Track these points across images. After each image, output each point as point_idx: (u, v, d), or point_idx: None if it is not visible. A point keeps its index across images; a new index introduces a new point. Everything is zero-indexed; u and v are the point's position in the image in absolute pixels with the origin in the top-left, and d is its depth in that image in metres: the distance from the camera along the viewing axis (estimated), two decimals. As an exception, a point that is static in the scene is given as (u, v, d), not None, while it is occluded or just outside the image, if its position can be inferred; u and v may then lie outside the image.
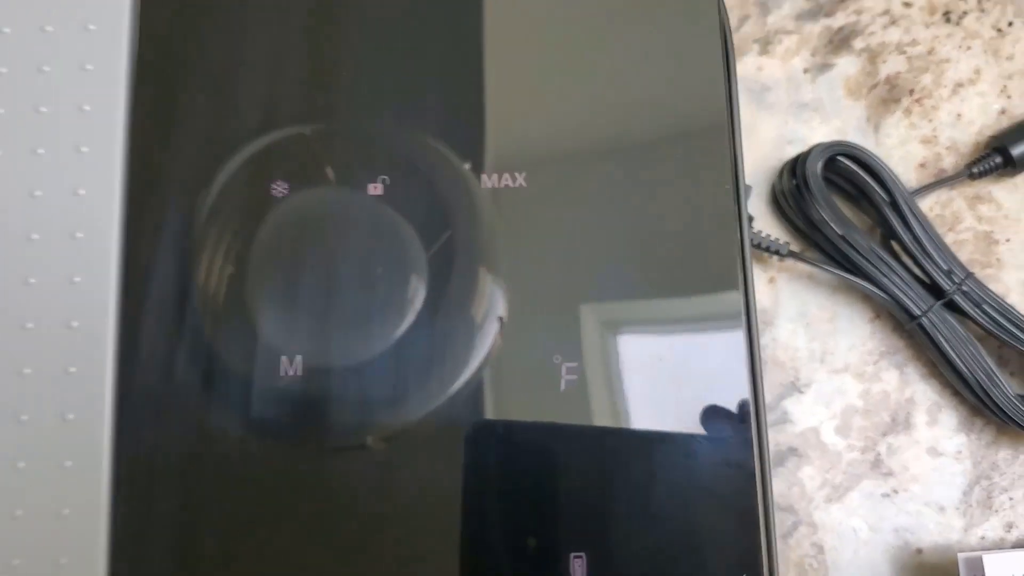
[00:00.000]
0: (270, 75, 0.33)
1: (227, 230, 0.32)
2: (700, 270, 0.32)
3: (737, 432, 0.30)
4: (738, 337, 0.30)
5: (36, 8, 0.33)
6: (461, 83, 0.34)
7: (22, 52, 0.33)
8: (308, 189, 0.33)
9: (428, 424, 0.31)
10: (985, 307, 0.37)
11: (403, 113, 0.33)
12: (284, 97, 0.33)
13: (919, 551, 0.37)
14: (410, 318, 0.32)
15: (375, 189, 0.33)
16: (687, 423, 0.30)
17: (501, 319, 0.32)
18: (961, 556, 0.34)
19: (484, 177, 0.33)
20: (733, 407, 0.30)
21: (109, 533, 0.30)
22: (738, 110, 0.33)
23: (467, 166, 0.33)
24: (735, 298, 0.31)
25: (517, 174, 0.33)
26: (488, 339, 0.31)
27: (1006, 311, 0.37)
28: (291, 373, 0.31)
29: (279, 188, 0.33)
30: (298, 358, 0.31)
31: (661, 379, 0.31)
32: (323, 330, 0.32)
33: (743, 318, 0.31)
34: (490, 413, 0.31)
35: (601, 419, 0.31)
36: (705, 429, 0.30)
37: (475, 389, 0.31)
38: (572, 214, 0.32)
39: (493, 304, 0.32)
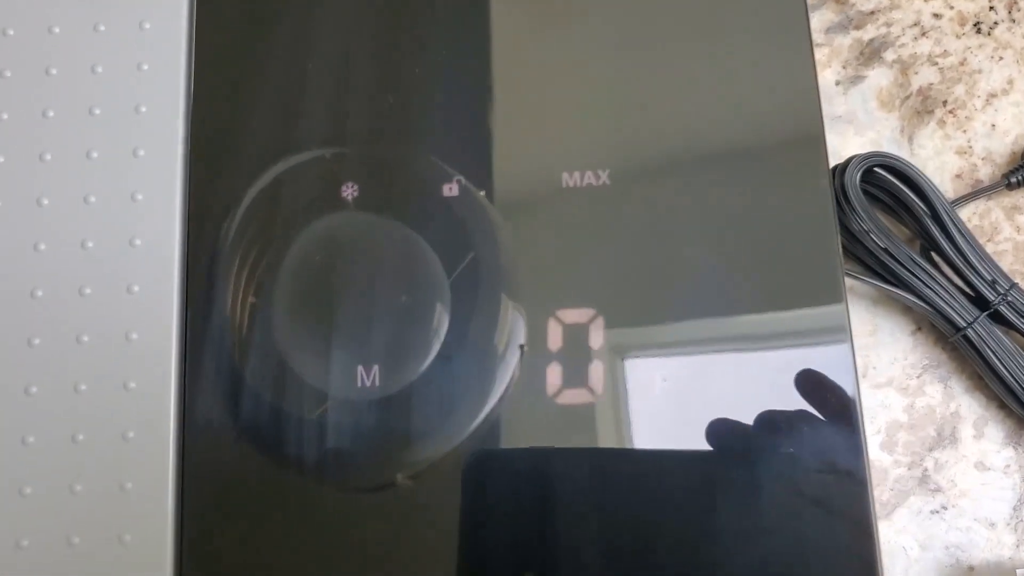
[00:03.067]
0: (326, 101, 0.33)
1: (256, 251, 0.32)
2: (800, 284, 0.31)
3: (848, 440, 0.29)
4: (844, 351, 0.30)
5: (87, 6, 0.32)
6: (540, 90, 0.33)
7: (73, 53, 0.32)
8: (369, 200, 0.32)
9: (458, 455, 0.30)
10: (1031, 317, 0.36)
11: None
12: (345, 102, 0.33)
13: (971, 569, 0.36)
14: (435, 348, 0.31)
15: (450, 191, 0.32)
16: (787, 437, 0.29)
17: (522, 347, 0.31)
18: (1020, 572, 0.34)
19: (565, 175, 0.32)
20: (839, 416, 0.29)
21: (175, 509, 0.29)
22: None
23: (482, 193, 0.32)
24: (839, 311, 0.30)
25: (600, 172, 0.32)
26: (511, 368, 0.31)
27: (1052, 321, 0.36)
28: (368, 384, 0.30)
29: (349, 191, 0.32)
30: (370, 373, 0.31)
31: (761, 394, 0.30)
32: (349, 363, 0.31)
33: (847, 332, 0.30)
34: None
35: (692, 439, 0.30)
36: (812, 440, 0.29)
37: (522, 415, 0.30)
38: (656, 219, 0.32)
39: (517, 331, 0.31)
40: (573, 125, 0.33)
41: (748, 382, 0.30)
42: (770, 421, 0.30)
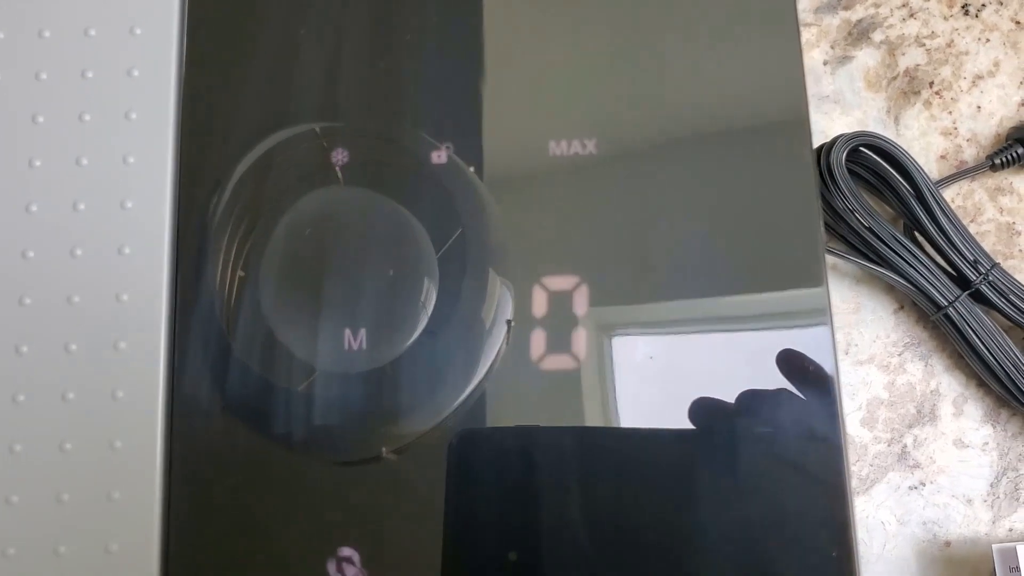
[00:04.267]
0: (317, 74, 0.33)
1: (245, 224, 0.32)
2: (782, 266, 0.31)
3: (827, 416, 0.29)
4: (824, 332, 0.30)
5: (79, 11, 0.32)
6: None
7: (64, 57, 0.32)
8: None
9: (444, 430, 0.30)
10: (1012, 297, 0.36)
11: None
12: (331, 93, 0.33)
13: (947, 544, 0.37)
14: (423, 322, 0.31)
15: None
16: (767, 413, 0.30)
17: (509, 322, 0.31)
18: (996, 547, 0.34)
19: (552, 143, 0.32)
20: (819, 395, 0.30)
21: (162, 517, 0.29)
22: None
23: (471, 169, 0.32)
24: (819, 293, 0.31)
25: (587, 141, 0.32)
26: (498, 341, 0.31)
27: (1032, 301, 0.37)
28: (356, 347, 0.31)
29: (338, 159, 0.32)
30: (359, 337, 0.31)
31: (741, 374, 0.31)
32: (337, 337, 0.31)
33: (828, 314, 0.30)
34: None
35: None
36: (792, 417, 0.30)
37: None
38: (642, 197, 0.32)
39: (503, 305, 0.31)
40: (561, 95, 0.33)
41: (729, 360, 0.30)
42: (751, 399, 0.30)
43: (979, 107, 0.40)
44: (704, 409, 0.30)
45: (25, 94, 0.32)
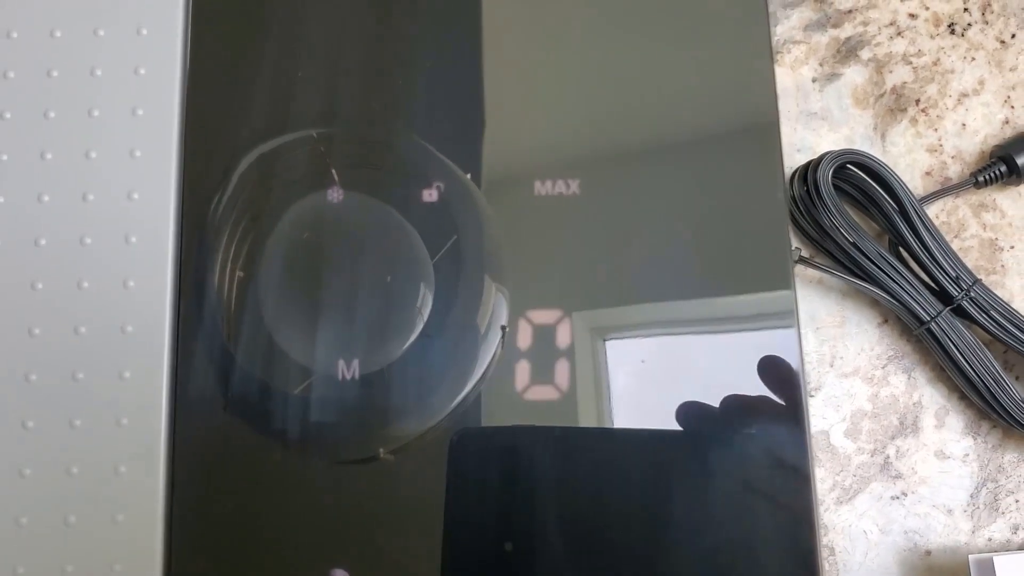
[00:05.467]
0: (319, 79, 0.34)
1: (243, 230, 0.33)
2: (751, 270, 0.32)
3: (792, 434, 0.30)
4: (791, 335, 0.31)
5: (88, 12, 0.33)
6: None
7: (74, 56, 0.33)
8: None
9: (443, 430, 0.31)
10: (992, 313, 0.37)
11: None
12: (334, 97, 0.34)
13: (928, 553, 0.38)
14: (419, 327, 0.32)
15: (430, 196, 0.33)
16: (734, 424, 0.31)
17: (504, 327, 0.32)
18: (972, 558, 0.35)
19: (537, 184, 0.33)
20: (785, 406, 0.31)
21: (164, 538, 0.30)
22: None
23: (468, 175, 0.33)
24: (787, 296, 0.32)
25: (571, 181, 0.33)
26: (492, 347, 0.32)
27: (1013, 316, 0.37)
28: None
29: (335, 194, 0.33)
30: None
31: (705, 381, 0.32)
32: (337, 342, 0.32)
33: (795, 317, 0.32)
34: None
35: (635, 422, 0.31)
36: (757, 430, 0.31)
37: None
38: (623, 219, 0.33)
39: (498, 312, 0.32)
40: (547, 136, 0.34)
41: (705, 368, 0.32)
42: (729, 404, 0.31)
43: (964, 124, 0.41)
44: (690, 413, 0.31)
45: (38, 91, 0.33)
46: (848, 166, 0.38)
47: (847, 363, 0.39)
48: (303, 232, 0.32)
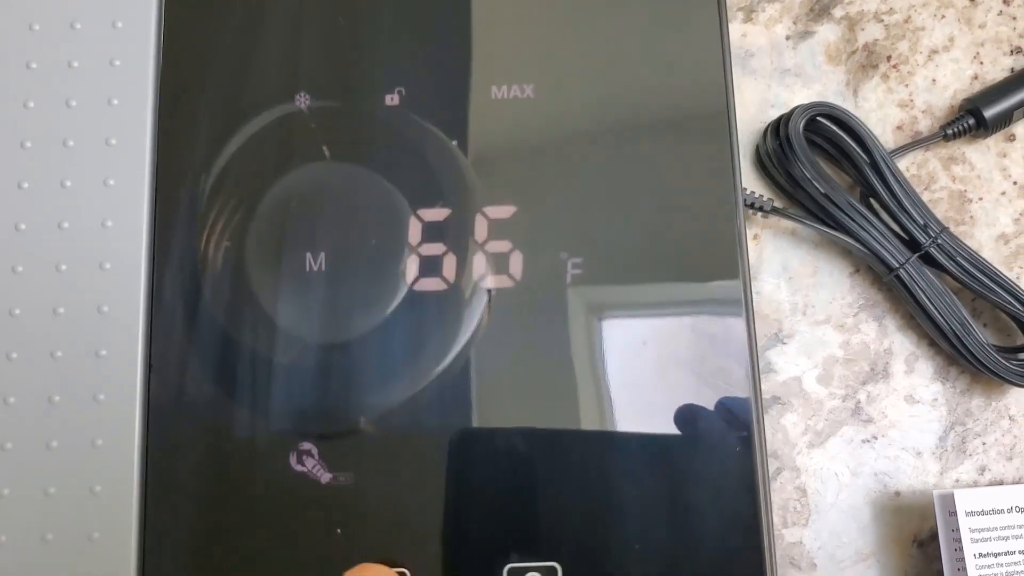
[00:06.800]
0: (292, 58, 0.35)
1: (229, 205, 0.33)
2: (701, 257, 0.33)
3: (739, 431, 0.31)
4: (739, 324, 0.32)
5: (64, 4, 0.34)
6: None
7: (52, 48, 0.34)
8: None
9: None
10: (959, 260, 0.38)
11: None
12: (304, 76, 0.35)
13: (897, 494, 0.39)
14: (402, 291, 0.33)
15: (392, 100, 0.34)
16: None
17: (490, 291, 0.33)
18: (936, 493, 0.36)
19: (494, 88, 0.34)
20: (733, 395, 0.32)
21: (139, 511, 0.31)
22: (732, 81, 0.34)
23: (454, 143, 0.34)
24: (736, 286, 0.33)
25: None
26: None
27: (979, 264, 0.38)
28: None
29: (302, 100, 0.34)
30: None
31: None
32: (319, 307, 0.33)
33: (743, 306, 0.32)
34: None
35: (591, 406, 0.32)
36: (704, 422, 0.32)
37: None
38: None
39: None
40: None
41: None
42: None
43: (934, 80, 0.42)
44: (687, 415, 0.32)
45: (17, 82, 0.34)
46: (819, 118, 0.39)
47: (819, 311, 0.40)
48: (290, 202, 0.33)
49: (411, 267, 0.33)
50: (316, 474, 0.31)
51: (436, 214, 0.33)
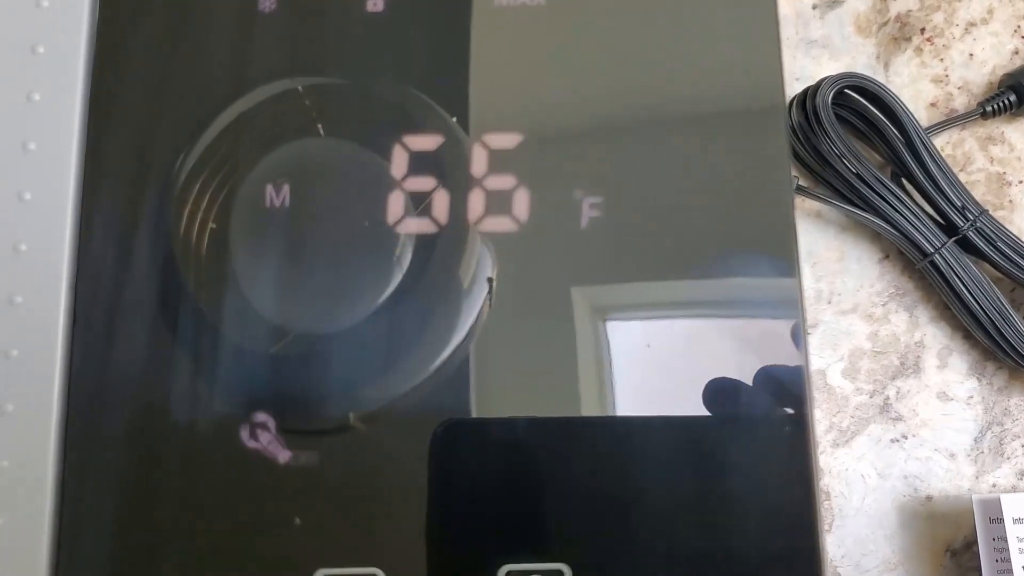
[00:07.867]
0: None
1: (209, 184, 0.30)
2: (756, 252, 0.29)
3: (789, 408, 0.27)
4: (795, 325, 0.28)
5: None
6: None
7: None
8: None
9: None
10: (1000, 245, 0.35)
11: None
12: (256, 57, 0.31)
13: (929, 498, 0.36)
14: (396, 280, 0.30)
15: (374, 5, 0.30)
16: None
17: (490, 279, 0.30)
18: (976, 497, 0.33)
19: None
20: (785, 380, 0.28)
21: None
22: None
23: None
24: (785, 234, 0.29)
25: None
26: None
27: (1022, 249, 0.35)
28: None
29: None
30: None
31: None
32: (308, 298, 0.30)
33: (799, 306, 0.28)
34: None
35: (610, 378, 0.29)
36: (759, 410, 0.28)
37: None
38: None
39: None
40: None
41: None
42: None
43: (971, 55, 0.39)
44: (724, 390, 0.28)
45: None
46: (848, 91, 0.36)
47: (845, 300, 0.37)
48: (279, 180, 0.30)
49: (394, 204, 0.29)
50: (272, 452, 0.28)
51: (426, 142, 0.29)
